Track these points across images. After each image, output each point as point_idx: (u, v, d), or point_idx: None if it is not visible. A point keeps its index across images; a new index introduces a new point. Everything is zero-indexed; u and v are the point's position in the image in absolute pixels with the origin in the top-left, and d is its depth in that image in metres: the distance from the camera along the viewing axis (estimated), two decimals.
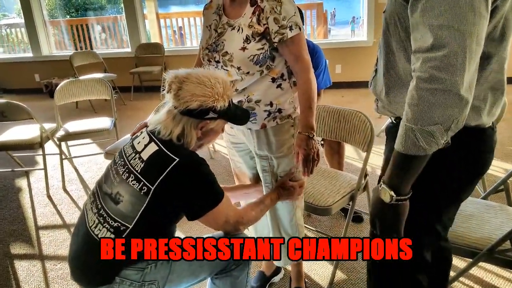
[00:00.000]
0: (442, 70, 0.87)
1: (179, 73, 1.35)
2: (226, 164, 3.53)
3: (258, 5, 1.53)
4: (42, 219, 2.88)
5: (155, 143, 1.35)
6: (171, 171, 1.27)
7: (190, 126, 1.35)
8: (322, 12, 7.93)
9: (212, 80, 1.33)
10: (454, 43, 0.86)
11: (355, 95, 5.47)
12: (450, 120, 0.89)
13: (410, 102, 0.93)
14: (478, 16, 0.87)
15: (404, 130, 0.95)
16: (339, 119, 2.25)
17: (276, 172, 1.73)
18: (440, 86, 0.87)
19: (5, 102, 2.97)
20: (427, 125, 0.90)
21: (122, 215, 1.30)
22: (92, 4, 12.69)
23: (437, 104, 0.88)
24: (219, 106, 1.33)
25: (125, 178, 1.33)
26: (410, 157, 0.95)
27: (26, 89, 7.03)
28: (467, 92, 0.88)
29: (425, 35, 0.90)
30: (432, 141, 0.91)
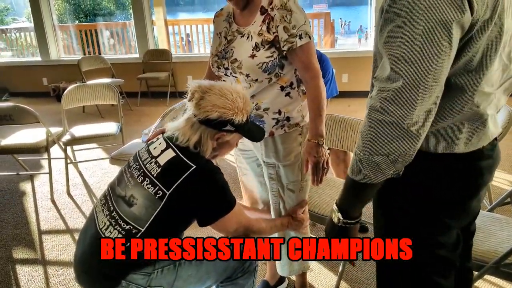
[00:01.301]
0: (393, 103, 0.85)
1: (203, 83, 1.40)
2: (232, 171, 3.51)
3: (268, 13, 1.53)
4: (46, 223, 2.88)
5: (173, 149, 1.38)
6: (187, 178, 1.30)
7: (207, 136, 1.38)
8: (329, 21, 7.95)
9: (233, 94, 1.37)
10: (408, 77, 0.84)
11: (362, 104, 5.44)
12: (397, 153, 0.87)
13: (361, 129, 0.92)
14: (438, 52, 0.83)
15: (354, 156, 0.95)
16: (346, 128, 2.24)
17: (283, 181, 1.72)
18: (388, 119, 0.86)
19: (12, 106, 2.99)
20: (373, 155, 0.89)
21: (135, 217, 1.31)
22: (101, 10, 12.82)
23: (384, 136, 0.87)
24: (238, 119, 1.37)
25: (140, 182, 1.35)
26: (358, 183, 0.95)
27: (33, 93, 7.08)
28: (418, 127, 0.86)
29: (385, 65, 0.89)
30: (378, 171, 0.90)
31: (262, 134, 1.54)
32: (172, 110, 2.78)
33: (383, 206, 1.11)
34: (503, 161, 3.43)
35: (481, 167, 1.05)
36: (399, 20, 0.86)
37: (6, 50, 9.17)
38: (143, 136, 3.03)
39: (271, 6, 1.53)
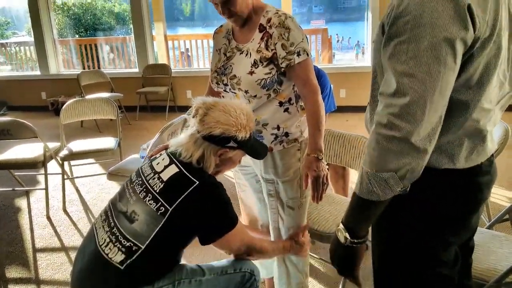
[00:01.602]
0: (401, 118, 0.85)
1: (207, 100, 1.41)
2: (230, 186, 3.48)
3: (266, 31, 1.55)
4: (40, 241, 2.84)
5: (176, 165, 1.38)
6: (190, 193, 1.30)
7: (210, 152, 1.39)
8: (327, 37, 8.02)
9: (237, 111, 1.38)
10: (415, 93, 0.85)
11: (360, 119, 5.45)
12: (405, 169, 0.87)
13: (368, 145, 0.92)
14: (444, 67, 0.84)
15: (361, 173, 0.94)
16: (344, 144, 2.23)
17: (282, 197, 1.70)
18: (396, 134, 0.86)
19: (11, 120, 2.98)
20: (381, 172, 0.89)
21: (136, 234, 1.30)
22: (102, 25, 12.91)
23: (392, 152, 0.87)
24: (241, 136, 1.38)
25: (142, 197, 1.34)
26: (365, 201, 0.94)
27: (32, 107, 7.08)
28: (425, 142, 0.86)
29: (390, 80, 0.89)
30: (387, 188, 0.90)
31: (265, 152, 1.54)
32: (171, 125, 2.77)
33: (387, 221, 1.08)
34: (501, 177, 3.42)
35: (480, 183, 1.05)
36: (403, 36, 0.87)
37: (5, 64, 9.20)
38: (142, 151, 3.02)
39: (269, 24, 1.54)
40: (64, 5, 12.04)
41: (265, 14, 1.57)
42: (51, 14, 6.94)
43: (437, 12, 0.84)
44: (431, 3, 0.84)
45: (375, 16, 5.53)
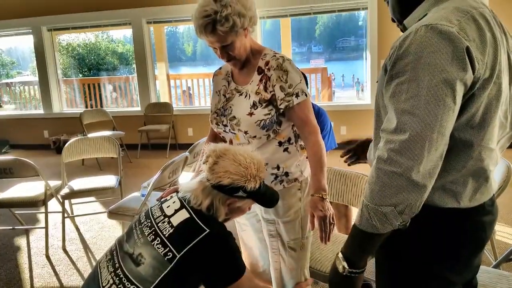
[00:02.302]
0: (400, 154, 0.88)
1: (218, 147, 1.41)
2: (231, 225, 3.46)
3: (265, 73, 1.58)
4: (39, 280, 2.78)
5: (187, 210, 1.37)
6: (200, 241, 1.28)
7: (219, 201, 1.38)
8: (326, 76, 8.18)
9: (247, 160, 1.38)
10: (414, 130, 0.88)
11: None
12: (404, 204, 0.89)
13: (369, 179, 0.94)
14: (442, 107, 0.87)
15: (361, 205, 0.96)
16: (346, 182, 2.23)
17: (283, 238, 1.68)
18: (396, 170, 0.88)
19: (13, 159, 2.99)
20: (381, 206, 0.91)
21: (141, 278, 1.27)
22: (105, 65, 13.18)
23: (392, 187, 0.89)
24: (250, 186, 1.36)
25: (150, 240, 1.32)
26: (365, 233, 0.95)
27: (34, 145, 7.12)
28: (425, 179, 0.88)
29: (391, 117, 0.93)
30: (386, 221, 0.91)
31: (276, 200, 1.52)
32: (173, 163, 2.78)
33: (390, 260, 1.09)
34: (507, 215, 3.39)
35: (483, 222, 1.06)
36: (404, 76, 0.91)
37: (9, 103, 9.33)
38: (142, 189, 3.01)
39: (267, 67, 1.57)
40: (68, 45, 12.35)
41: (263, 57, 1.61)
42: (56, 54, 7.10)
43: (436, 54, 0.88)
44: (431, 46, 0.88)
45: (374, 55, 5.66)
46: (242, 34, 1.53)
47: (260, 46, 1.66)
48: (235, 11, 1.46)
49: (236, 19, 1.47)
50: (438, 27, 0.89)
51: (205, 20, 1.46)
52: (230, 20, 1.46)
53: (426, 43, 0.89)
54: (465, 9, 0.95)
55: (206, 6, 1.46)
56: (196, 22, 1.48)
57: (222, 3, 1.45)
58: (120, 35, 15.94)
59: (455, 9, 0.95)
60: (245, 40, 1.57)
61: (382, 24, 5.52)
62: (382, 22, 5.52)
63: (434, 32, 0.89)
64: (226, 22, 1.45)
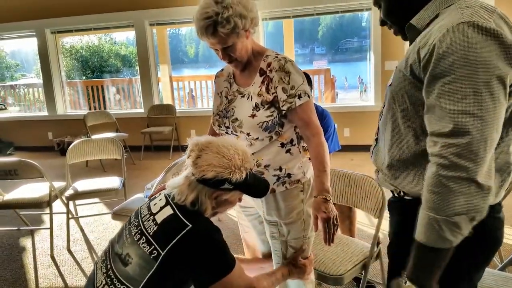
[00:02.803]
0: (465, 157, 0.84)
1: (201, 141, 1.38)
2: (234, 227, 3.46)
3: (267, 75, 1.58)
4: (44, 281, 2.80)
5: (171, 206, 1.34)
6: (182, 237, 1.25)
7: (205, 195, 1.35)
8: (329, 77, 8.18)
9: (231, 151, 1.35)
10: (476, 131, 0.85)
11: (364, 158, 5.46)
12: (475, 210, 0.86)
13: (431, 190, 0.89)
14: (498, 103, 0.86)
15: (427, 220, 0.89)
16: (350, 183, 2.23)
17: (285, 239, 1.68)
18: (463, 174, 0.84)
19: (18, 161, 3.01)
20: (452, 216, 0.86)
21: (129, 278, 1.27)
22: (108, 67, 13.21)
23: (460, 193, 0.85)
24: (235, 178, 1.33)
25: (137, 240, 1.31)
26: (435, 250, 0.90)
27: (38, 147, 7.15)
28: (488, 179, 0.86)
29: (443, 120, 0.89)
30: (458, 232, 0.87)
31: (266, 189, 1.49)
32: (176, 164, 2.79)
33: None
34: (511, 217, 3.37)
35: (500, 219, 1.06)
36: (451, 76, 0.88)
37: (14, 106, 9.38)
38: (146, 191, 3.03)
39: (269, 68, 1.57)
40: (72, 48, 12.40)
41: (265, 59, 1.60)
42: (60, 57, 7.13)
43: (484, 51, 0.86)
44: (477, 43, 0.87)
45: (378, 56, 5.65)
46: (244, 36, 1.54)
47: (261, 48, 1.66)
48: (236, 13, 1.46)
49: (237, 20, 1.47)
50: (479, 24, 0.88)
51: (206, 22, 1.46)
52: (231, 21, 1.46)
53: (471, 41, 0.87)
54: (490, 8, 0.94)
55: (207, 7, 1.46)
56: (197, 23, 1.49)
57: (223, 4, 1.45)
58: (123, 37, 16.03)
59: (480, 7, 0.93)
60: (246, 42, 1.57)
61: None
62: None
63: (476, 29, 0.87)
64: (227, 24, 1.45)
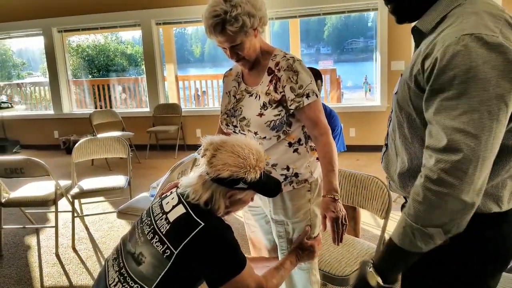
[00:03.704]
0: (452, 175, 0.84)
1: (215, 140, 1.38)
2: (239, 226, 3.46)
3: (275, 74, 1.58)
4: (49, 279, 2.81)
5: (183, 205, 1.34)
6: (195, 236, 1.26)
7: (219, 194, 1.35)
8: (335, 77, 8.17)
9: (246, 151, 1.34)
10: (468, 149, 0.83)
11: (370, 158, 5.44)
12: (452, 225, 0.87)
13: (415, 198, 0.90)
14: (496, 124, 0.83)
15: (404, 224, 0.92)
16: (356, 184, 2.22)
17: (292, 239, 1.68)
18: (446, 191, 0.85)
19: (24, 159, 3.02)
20: (427, 227, 0.88)
21: (143, 277, 1.27)
22: (114, 66, 13.25)
23: (440, 208, 0.86)
24: (250, 177, 1.33)
25: (150, 239, 1.31)
26: (404, 251, 0.93)
27: (44, 145, 7.18)
28: (474, 197, 0.85)
29: (439, 134, 0.88)
30: (430, 242, 0.89)
31: (278, 188, 1.49)
32: (181, 164, 2.78)
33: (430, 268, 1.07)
34: None
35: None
36: (451, 91, 0.85)
37: (20, 104, 9.43)
38: (151, 190, 3.03)
39: (277, 68, 1.57)
40: (78, 47, 12.45)
41: (273, 58, 1.60)
42: (66, 55, 7.16)
43: (486, 67, 0.82)
44: (480, 58, 0.83)
45: (384, 57, 5.63)
46: (252, 34, 1.53)
47: (270, 47, 1.66)
48: (244, 11, 1.46)
49: (246, 19, 1.47)
50: (484, 37, 0.84)
51: (215, 20, 1.46)
52: (239, 20, 1.46)
53: (474, 55, 0.83)
54: (497, 13, 0.90)
55: (216, 6, 1.46)
56: (206, 22, 1.49)
57: (232, 3, 1.45)
58: (129, 36, 16.04)
59: (487, 14, 0.89)
60: (254, 41, 1.57)
61: (393, 25, 5.49)
62: (392, 23, 5.49)
63: (480, 43, 0.84)
64: (235, 22, 1.45)
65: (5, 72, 14.01)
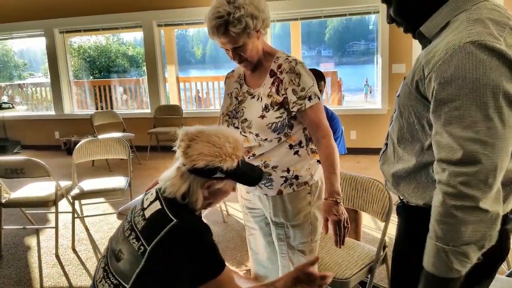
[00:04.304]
0: (473, 187, 0.82)
1: (190, 130, 1.34)
2: (240, 228, 3.45)
3: (277, 76, 1.58)
4: (49, 280, 2.80)
5: (159, 201, 1.32)
6: (167, 233, 1.22)
7: (197, 185, 1.31)
8: (336, 80, 8.17)
9: (222, 140, 1.30)
10: (487, 159, 0.82)
11: (371, 161, 5.44)
12: (484, 239, 0.84)
13: (438, 219, 0.87)
14: (508, 128, 0.83)
15: (435, 250, 0.88)
16: (356, 187, 2.21)
17: (293, 243, 1.67)
18: (470, 204, 0.83)
19: (25, 159, 3.02)
20: (460, 246, 0.84)
21: (122, 273, 1.26)
22: (116, 67, 13.27)
23: (469, 222, 0.83)
24: (226, 166, 1.28)
25: (127, 236, 1.30)
26: (443, 279, 0.89)
27: (44, 146, 7.18)
28: (495, 205, 0.84)
29: (451, 146, 0.86)
30: (467, 261, 0.86)
31: (259, 176, 1.42)
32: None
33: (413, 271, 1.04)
34: None
35: (508, 231, 1.04)
36: (458, 101, 0.84)
37: (21, 105, 9.44)
38: None
39: (280, 70, 1.57)
40: (80, 48, 12.47)
41: (275, 60, 1.61)
42: (68, 56, 7.17)
43: (492, 74, 0.82)
44: (485, 66, 0.82)
45: (385, 59, 5.63)
46: (255, 36, 1.54)
47: (272, 49, 1.66)
48: (247, 13, 1.46)
49: (249, 20, 1.47)
50: (487, 44, 0.83)
51: (218, 21, 1.46)
52: (242, 21, 1.46)
53: (479, 63, 0.82)
54: (501, 20, 0.89)
55: (219, 7, 1.46)
56: (209, 23, 1.49)
57: (235, 4, 1.46)
58: (130, 37, 16.05)
59: (491, 22, 0.88)
60: (257, 42, 1.57)
61: (394, 28, 5.48)
62: (393, 26, 5.49)
63: (484, 50, 0.83)
64: (238, 24, 1.46)
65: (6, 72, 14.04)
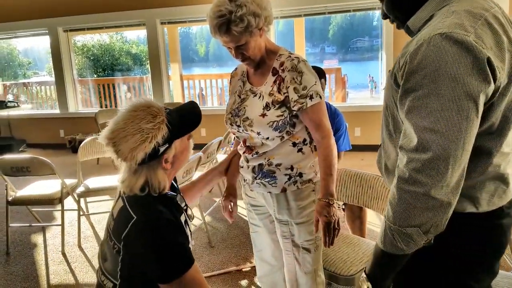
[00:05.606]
0: (423, 173, 0.85)
1: (105, 135, 1.26)
2: (244, 225, 3.46)
3: (279, 74, 1.57)
4: (55, 277, 2.83)
5: (122, 198, 1.29)
6: (129, 230, 1.19)
7: (154, 170, 1.25)
8: (340, 76, 8.14)
9: (135, 125, 1.22)
10: (438, 148, 0.84)
11: (375, 158, 5.42)
12: (429, 224, 0.87)
13: (391, 200, 0.92)
14: (466, 121, 0.84)
15: (384, 227, 0.93)
16: (361, 183, 2.21)
17: (296, 239, 1.67)
18: (419, 190, 0.85)
19: (30, 158, 3.04)
20: (405, 227, 0.89)
21: (110, 271, 1.27)
22: (119, 65, 13.30)
23: (416, 207, 0.86)
24: (160, 137, 1.21)
25: (106, 237, 1.31)
26: (389, 255, 0.94)
27: (50, 144, 7.21)
28: (449, 196, 0.86)
29: (410, 134, 0.89)
30: (411, 242, 0.90)
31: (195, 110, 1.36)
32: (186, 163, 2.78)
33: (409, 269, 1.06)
34: None
35: (502, 226, 1.03)
36: (421, 91, 0.86)
37: (26, 103, 9.48)
38: None
39: (282, 68, 1.56)
40: (84, 46, 12.51)
41: (278, 58, 1.59)
42: (72, 55, 7.19)
43: (455, 66, 0.83)
44: (449, 57, 0.83)
45: (389, 56, 5.61)
46: (257, 34, 1.52)
47: (275, 46, 1.65)
48: (250, 11, 1.45)
49: (251, 19, 1.46)
50: (454, 36, 0.84)
51: (220, 20, 1.45)
52: (244, 20, 1.44)
53: (443, 54, 0.84)
54: (477, 12, 0.90)
55: (221, 6, 1.45)
56: (211, 22, 1.48)
57: (237, 3, 1.44)
58: (134, 35, 16.09)
59: (467, 13, 0.89)
60: (260, 40, 1.56)
61: None
62: None
63: (450, 42, 0.84)
64: (240, 22, 1.44)
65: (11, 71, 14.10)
